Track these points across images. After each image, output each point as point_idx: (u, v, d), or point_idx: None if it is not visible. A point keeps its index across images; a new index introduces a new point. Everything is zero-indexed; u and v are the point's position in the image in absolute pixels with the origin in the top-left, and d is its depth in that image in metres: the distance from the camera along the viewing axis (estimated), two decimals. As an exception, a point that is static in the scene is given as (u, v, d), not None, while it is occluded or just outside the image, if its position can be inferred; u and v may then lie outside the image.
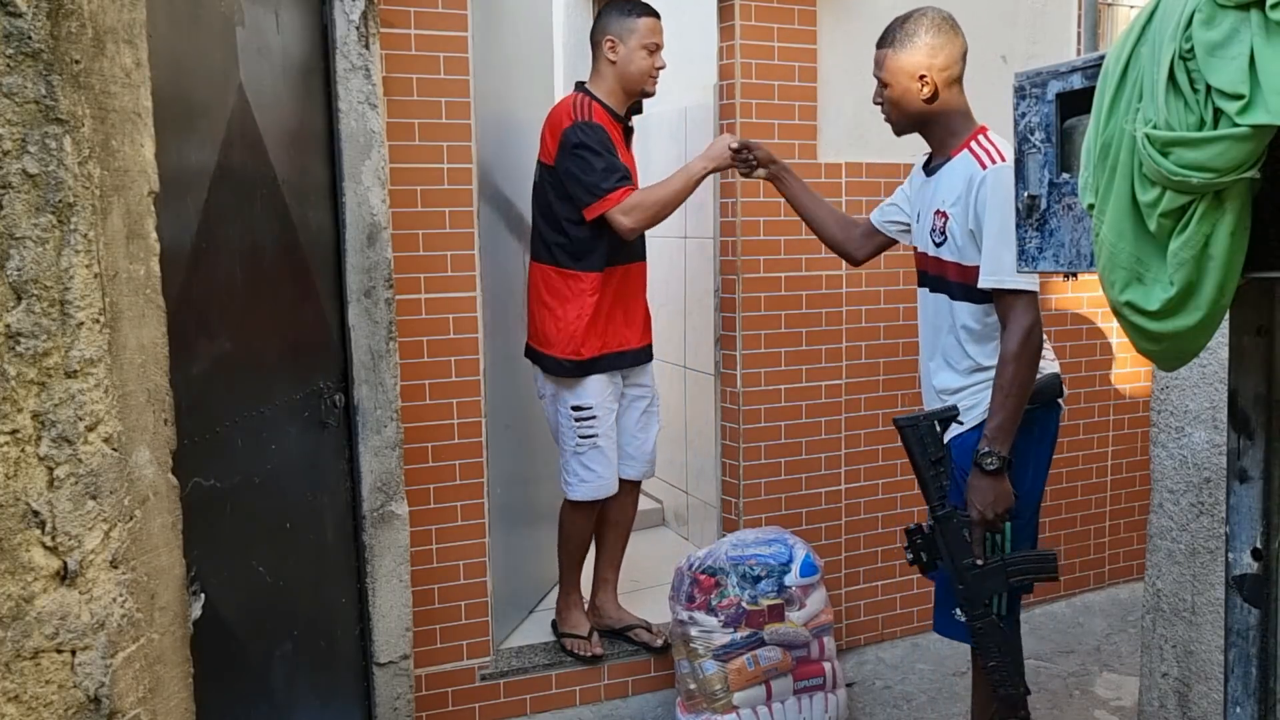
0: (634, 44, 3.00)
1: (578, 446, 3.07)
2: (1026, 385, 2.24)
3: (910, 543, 2.32)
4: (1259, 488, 1.34)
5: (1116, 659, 3.70)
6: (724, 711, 3.00)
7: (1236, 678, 1.38)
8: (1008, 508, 2.25)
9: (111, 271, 1.29)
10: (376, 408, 2.61)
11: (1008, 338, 2.23)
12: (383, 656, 2.67)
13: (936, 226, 2.39)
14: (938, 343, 2.44)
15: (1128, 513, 4.13)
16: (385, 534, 2.65)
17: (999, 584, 2.27)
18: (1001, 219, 2.20)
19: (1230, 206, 1.13)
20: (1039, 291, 2.25)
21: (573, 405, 3.04)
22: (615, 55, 3.00)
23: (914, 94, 2.35)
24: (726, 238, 3.40)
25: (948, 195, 2.35)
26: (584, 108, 2.96)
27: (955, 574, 2.28)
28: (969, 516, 2.26)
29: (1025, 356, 2.21)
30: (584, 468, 3.08)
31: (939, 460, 2.26)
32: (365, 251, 2.58)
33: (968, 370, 2.39)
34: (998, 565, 2.27)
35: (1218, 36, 1.08)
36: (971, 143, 2.34)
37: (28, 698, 1.16)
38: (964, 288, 2.34)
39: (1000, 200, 2.20)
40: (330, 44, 2.50)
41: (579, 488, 3.10)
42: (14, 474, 1.14)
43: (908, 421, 2.28)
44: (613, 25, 3.02)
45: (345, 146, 2.54)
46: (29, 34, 1.14)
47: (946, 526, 2.27)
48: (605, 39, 3.02)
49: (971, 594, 2.26)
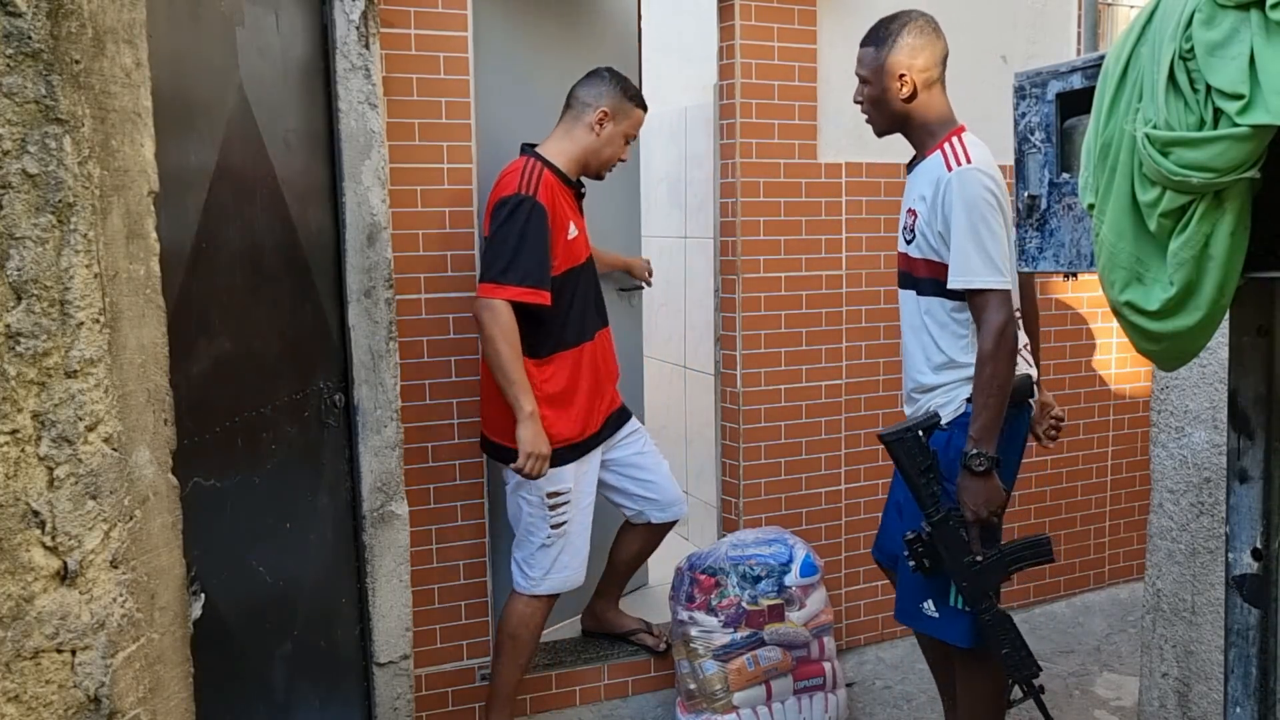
0: (622, 129, 2.87)
1: (547, 539, 2.80)
2: (1006, 382, 2.28)
3: (912, 551, 2.36)
4: (1259, 488, 1.34)
5: (1116, 659, 3.70)
6: (724, 711, 3.00)
7: (1236, 678, 1.38)
8: (1001, 504, 2.32)
9: (111, 271, 1.29)
10: (376, 408, 2.61)
11: (982, 337, 2.28)
12: (383, 656, 2.67)
13: (907, 224, 2.45)
14: (914, 340, 2.48)
15: (1128, 513, 4.13)
16: (385, 534, 2.65)
17: (1000, 575, 2.34)
18: (968, 220, 2.26)
19: (1230, 206, 1.13)
20: (1010, 289, 2.29)
21: (547, 492, 2.78)
22: (600, 130, 2.82)
23: (893, 93, 2.39)
24: (726, 238, 3.40)
25: (917, 193, 2.41)
26: (532, 178, 2.70)
27: (958, 572, 2.33)
28: (964, 517, 2.31)
29: (1002, 354, 2.26)
30: (552, 560, 2.81)
31: (929, 468, 2.31)
32: (365, 251, 2.58)
33: (941, 366, 2.42)
34: (997, 559, 2.33)
35: (1218, 36, 1.08)
36: (945, 144, 2.37)
37: (28, 698, 1.16)
38: (933, 283, 2.38)
39: (967, 202, 2.26)
40: (330, 44, 2.50)
41: (544, 582, 2.81)
42: (14, 474, 1.14)
43: (894, 436, 2.32)
44: (610, 101, 2.84)
45: (345, 146, 2.54)
46: (29, 34, 1.14)
47: (944, 529, 2.31)
48: (599, 109, 2.82)
49: (975, 589, 2.32)
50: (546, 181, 2.72)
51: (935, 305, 2.40)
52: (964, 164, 2.31)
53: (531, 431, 2.66)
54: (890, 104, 2.41)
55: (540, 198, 2.67)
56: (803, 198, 3.40)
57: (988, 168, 2.33)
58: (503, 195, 2.69)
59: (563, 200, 2.79)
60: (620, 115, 2.85)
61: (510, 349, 2.63)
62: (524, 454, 2.65)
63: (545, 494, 2.77)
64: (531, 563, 2.82)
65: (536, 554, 2.82)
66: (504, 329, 2.62)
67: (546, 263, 2.68)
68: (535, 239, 2.65)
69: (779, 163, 3.36)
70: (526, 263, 2.64)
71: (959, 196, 2.28)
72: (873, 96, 2.43)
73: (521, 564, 2.85)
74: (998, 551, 2.34)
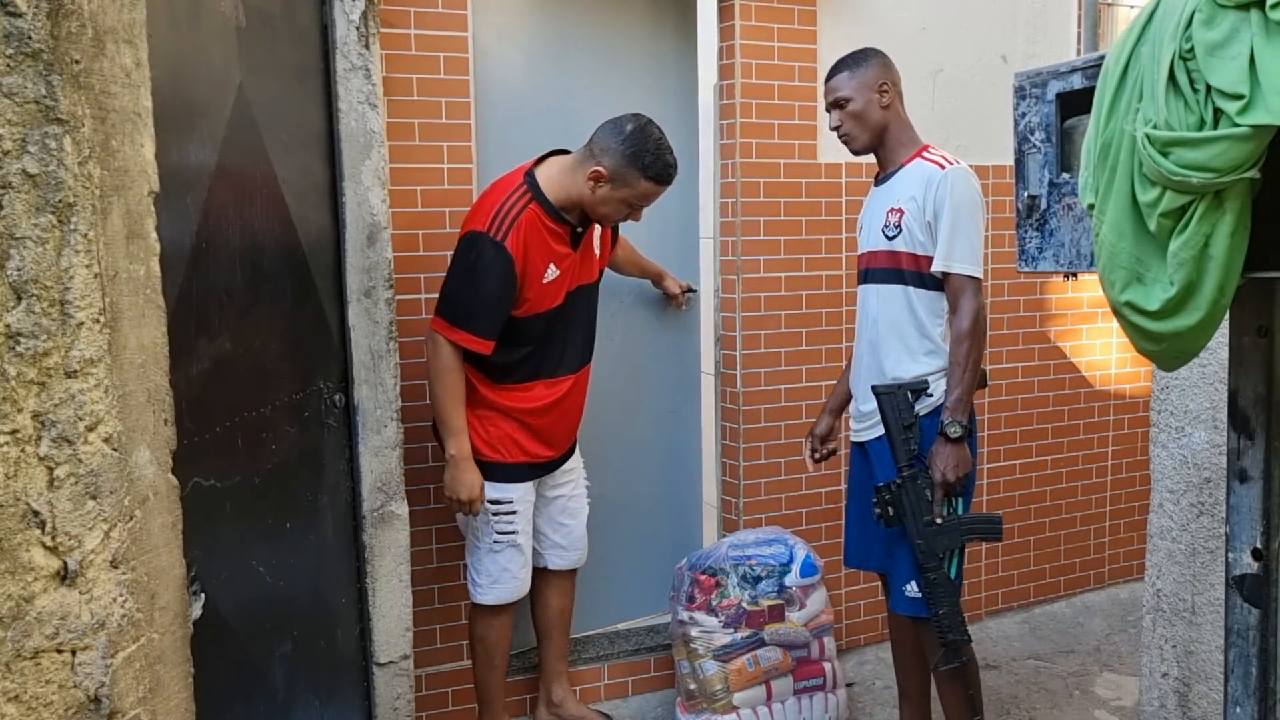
0: (622, 195, 2.62)
1: (494, 544, 2.77)
2: (979, 360, 2.55)
3: (879, 498, 2.60)
4: (1259, 488, 1.34)
5: (1116, 659, 3.70)
6: (724, 712, 3.00)
7: (1236, 678, 1.38)
8: (966, 472, 2.54)
9: (111, 271, 1.29)
10: (376, 408, 2.61)
11: (959, 318, 2.54)
12: (383, 656, 2.67)
13: (890, 222, 2.64)
14: (894, 333, 2.64)
15: (1128, 513, 4.13)
16: (385, 534, 2.65)
17: (953, 541, 2.56)
18: (956, 213, 2.52)
19: (1230, 206, 1.14)
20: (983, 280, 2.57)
21: (491, 499, 2.75)
22: (595, 189, 2.60)
23: (875, 104, 2.62)
24: (726, 238, 3.40)
25: (903, 194, 2.61)
26: (506, 219, 2.55)
27: (915, 530, 2.55)
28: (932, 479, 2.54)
29: (976, 334, 2.52)
30: (499, 568, 2.79)
31: (910, 426, 2.56)
32: (365, 251, 2.58)
33: (926, 353, 2.62)
34: (953, 524, 2.56)
35: (1218, 36, 1.08)
36: (923, 153, 2.64)
37: (28, 698, 1.16)
38: (918, 275, 2.60)
39: (958, 197, 2.52)
40: (330, 44, 2.49)
41: (490, 590, 2.80)
42: (14, 474, 1.14)
43: (886, 389, 2.59)
44: (611, 161, 2.58)
45: (345, 146, 2.53)
46: (29, 34, 1.14)
47: (912, 486, 2.55)
48: (596, 166, 2.58)
49: (928, 549, 2.55)
50: (524, 222, 2.58)
51: (921, 295, 2.60)
52: (956, 165, 2.58)
53: (451, 476, 2.67)
54: (872, 114, 2.62)
55: (509, 244, 2.56)
56: (803, 198, 3.40)
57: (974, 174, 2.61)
58: (473, 228, 2.60)
59: (543, 241, 2.63)
60: (619, 181, 2.60)
61: (445, 390, 2.63)
62: (446, 495, 2.70)
63: (489, 500, 2.75)
64: (479, 569, 2.82)
65: (484, 560, 2.81)
66: (444, 369, 2.62)
67: (498, 313, 2.62)
68: (491, 287, 2.57)
69: (779, 163, 3.36)
70: (477, 311, 2.59)
71: (953, 191, 2.52)
72: (855, 111, 2.63)
73: (471, 569, 2.85)
74: (955, 519, 2.56)
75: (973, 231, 2.53)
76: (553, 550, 2.97)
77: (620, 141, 2.60)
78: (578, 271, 2.77)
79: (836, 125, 2.67)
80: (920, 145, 2.66)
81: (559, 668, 3.08)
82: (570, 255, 2.72)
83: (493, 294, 2.58)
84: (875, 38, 3.06)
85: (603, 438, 3.26)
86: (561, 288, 2.72)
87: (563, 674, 3.09)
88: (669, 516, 3.51)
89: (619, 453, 3.35)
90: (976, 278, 2.54)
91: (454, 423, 2.65)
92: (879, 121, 2.63)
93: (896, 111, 2.65)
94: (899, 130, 2.65)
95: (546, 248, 2.65)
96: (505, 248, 2.56)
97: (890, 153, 2.67)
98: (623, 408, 3.37)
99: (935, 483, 2.53)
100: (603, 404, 3.26)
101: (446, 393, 2.64)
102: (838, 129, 2.67)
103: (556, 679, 3.08)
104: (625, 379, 3.37)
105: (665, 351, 3.45)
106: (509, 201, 2.60)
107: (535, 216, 2.61)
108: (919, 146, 2.65)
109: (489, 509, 2.76)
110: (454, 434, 2.65)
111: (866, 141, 2.66)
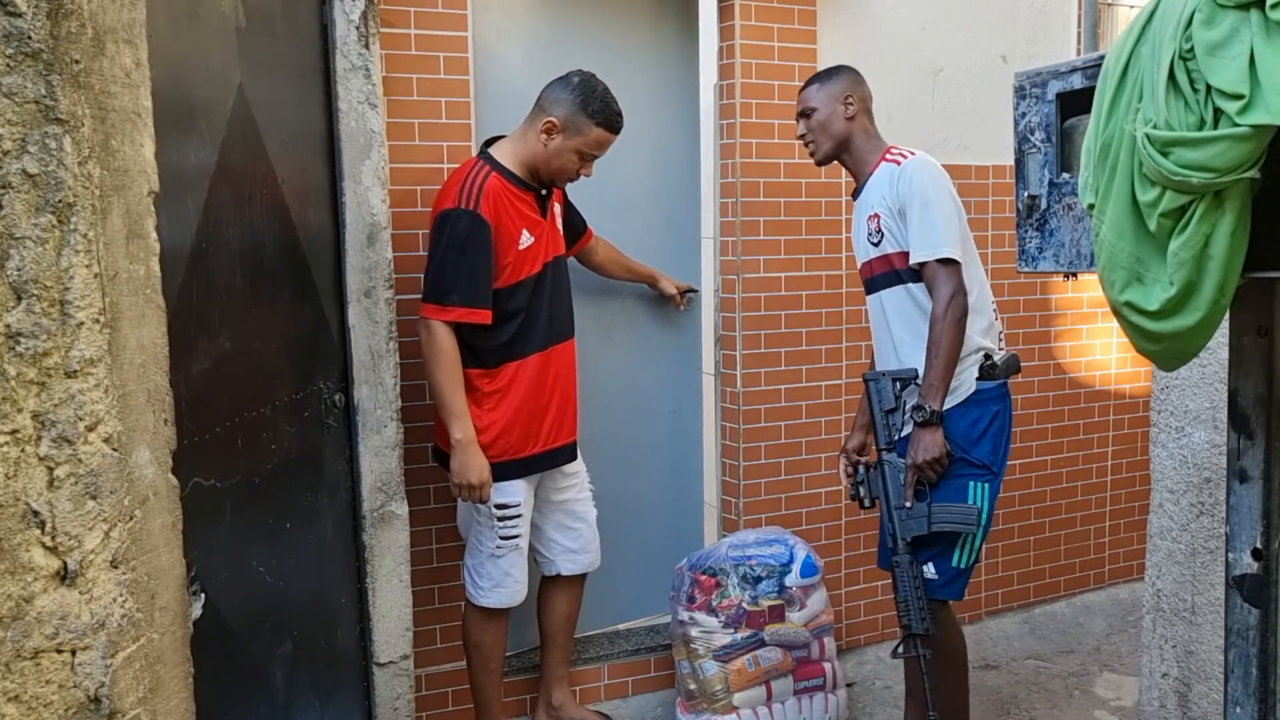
0: (573, 144, 2.67)
1: (497, 548, 2.76)
2: (955, 344, 2.52)
3: (854, 480, 2.71)
4: (1259, 488, 1.34)
5: (1116, 659, 3.70)
6: (724, 712, 3.00)
7: (1236, 678, 1.38)
8: (938, 458, 2.53)
9: (111, 271, 1.29)
10: (376, 408, 2.61)
11: (936, 302, 2.54)
12: (383, 656, 2.67)
13: (871, 229, 2.69)
14: (909, 331, 2.65)
15: (1128, 513, 4.13)
16: (385, 534, 2.65)
17: (921, 527, 2.58)
18: (919, 202, 2.54)
19: (1230, 206, 1.14)
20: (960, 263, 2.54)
21: (496, 503, 2.73)
22: (548, 141, 2.66)
23: (839, 115, 2.69)
24: (726, 238, 3.40)
25: (875, 199, 2.67)
26: (472, 190, 2.60)
27: (886, 513, 2.62)
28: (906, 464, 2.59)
29: (952, 316, 2.51)
30: (502, 572, 2.78)
31: (890, 411, 2.62)
32: (365, 251, 2.58)
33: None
34: (924, 513, 2.58)
35: (1218, 36, 1.08)
36: (885, 156, 2.69)
37: (28, 698, 1.16)
38: (912, 271, 2.62)
39: (917, 187, 2.55)
40: (330, 44, 2.50)
41: (493, 594, 2.79)
42: (14, 474, 1.14)
43: (872, 376, 2.68)
44: (564, 112, 2.66)
45: (345, 146, 2.54)
46: (29, 34, 1.14)
47: (889, 470, 2.62)
48: (548, 118, 2.66)
49: (898, 533, 2.60)
50: (490, 190, 2.61)
51: (921, 288, 2.62)
52: (913, 156, 2.63)
53: (459, 461, 2.65)
54: (835, 125, 2.69)
55: (482, 210, 2.59)
56: (803, 198, 3.40)
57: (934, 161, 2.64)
58: (443, 208, 2.62)
59: (513, 207, 2.67)
60: (571, 130, 2.66)
61: (444, 375, 2.62)
62: (453, 483, 2.69)
63: (494, 505, 2.73)
64: (481, 572, 2.80)
65: (486, 564, 2.79)
66: (441, 353, 2.60)
67: (487, 281, 2.62)
68: (474, 256, 2.58)
69: (779, 163, 3.36)
70: (466, 283, 2.58)
71: (912, 182, 2.56)
72: (820, 121, 2.70)
73: (472, 571, 2.83)
74: (926, 507, 2.58)
75: (938, 216, 2.53)
76: (563, 555, 2.96)
77: (569, 92, 2.69)
78: (551, 240, 2.80)
79: (802, 134, 2.76)
80: (883, 150, 2.70)
81: (561, 672, 3.07)
82: (542, 223, 2.76)
83: (478, 261, 2.61)
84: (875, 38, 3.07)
85: (603, 438, 3.26)
86: (539, 255, 2.74)
87: (564, 678, 3.08)
88: (669, 516, 3.51)
89: (619, 453, 3.35)
90: (949, 259, 2.52)
91: (455, 405, 2.64)
92: (841, 132, 2.69)
93: (863, 125, 2.71)
94: (864, 142, 2.71)
95: (517, 212, 2.69)
96: (479, 214, 2.59)
97: (858, 164, 2.73)
98: (623, 408, 3.37)
99: (905, 466, 2.57)
100: (603, 404, 3.26)
101: (445, 376, 2.62)
102: (803, 137, 2.77)
103: (558, 683, 3.07)
104: (626, 379, 3.37)
105: (665, 351, 3.45)
106: (470, 176, 2.64)
107: (500, 183, 2.66)
108: (882, 151, 2.70)
109: (494, 513, 2.74)
110: (457, 417, 2.63)
111: (829, 150, 2.72)
